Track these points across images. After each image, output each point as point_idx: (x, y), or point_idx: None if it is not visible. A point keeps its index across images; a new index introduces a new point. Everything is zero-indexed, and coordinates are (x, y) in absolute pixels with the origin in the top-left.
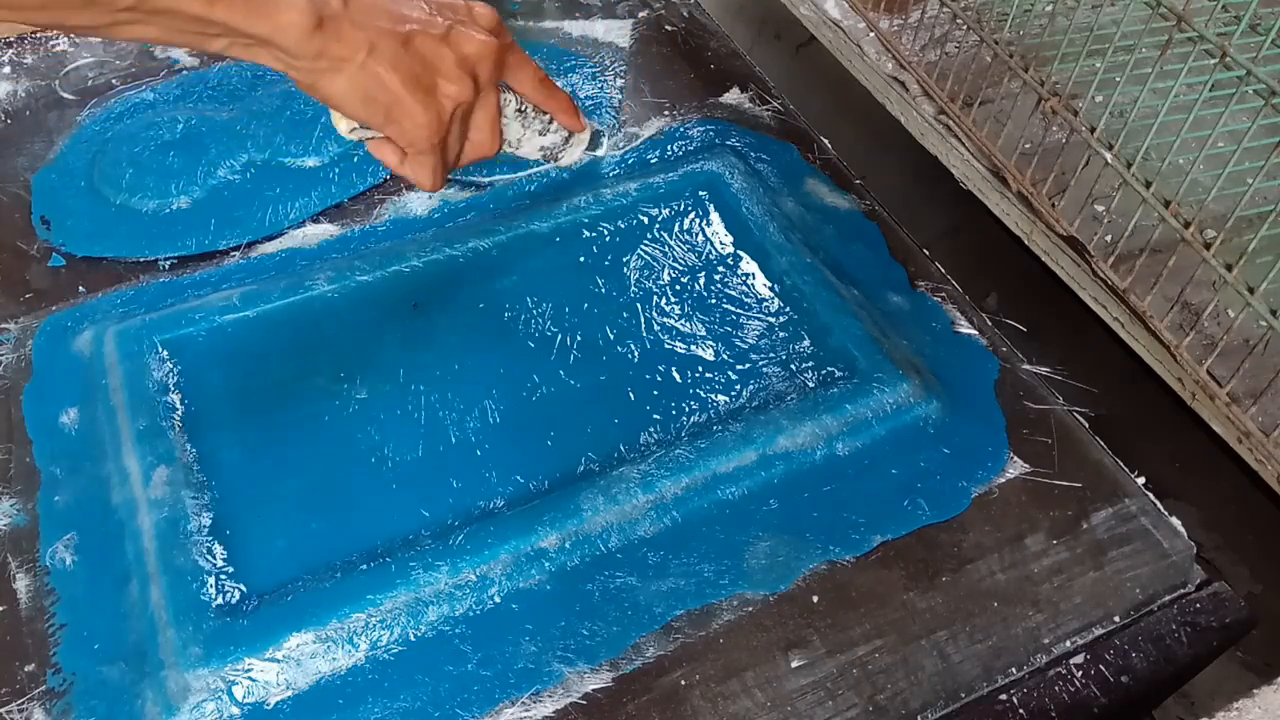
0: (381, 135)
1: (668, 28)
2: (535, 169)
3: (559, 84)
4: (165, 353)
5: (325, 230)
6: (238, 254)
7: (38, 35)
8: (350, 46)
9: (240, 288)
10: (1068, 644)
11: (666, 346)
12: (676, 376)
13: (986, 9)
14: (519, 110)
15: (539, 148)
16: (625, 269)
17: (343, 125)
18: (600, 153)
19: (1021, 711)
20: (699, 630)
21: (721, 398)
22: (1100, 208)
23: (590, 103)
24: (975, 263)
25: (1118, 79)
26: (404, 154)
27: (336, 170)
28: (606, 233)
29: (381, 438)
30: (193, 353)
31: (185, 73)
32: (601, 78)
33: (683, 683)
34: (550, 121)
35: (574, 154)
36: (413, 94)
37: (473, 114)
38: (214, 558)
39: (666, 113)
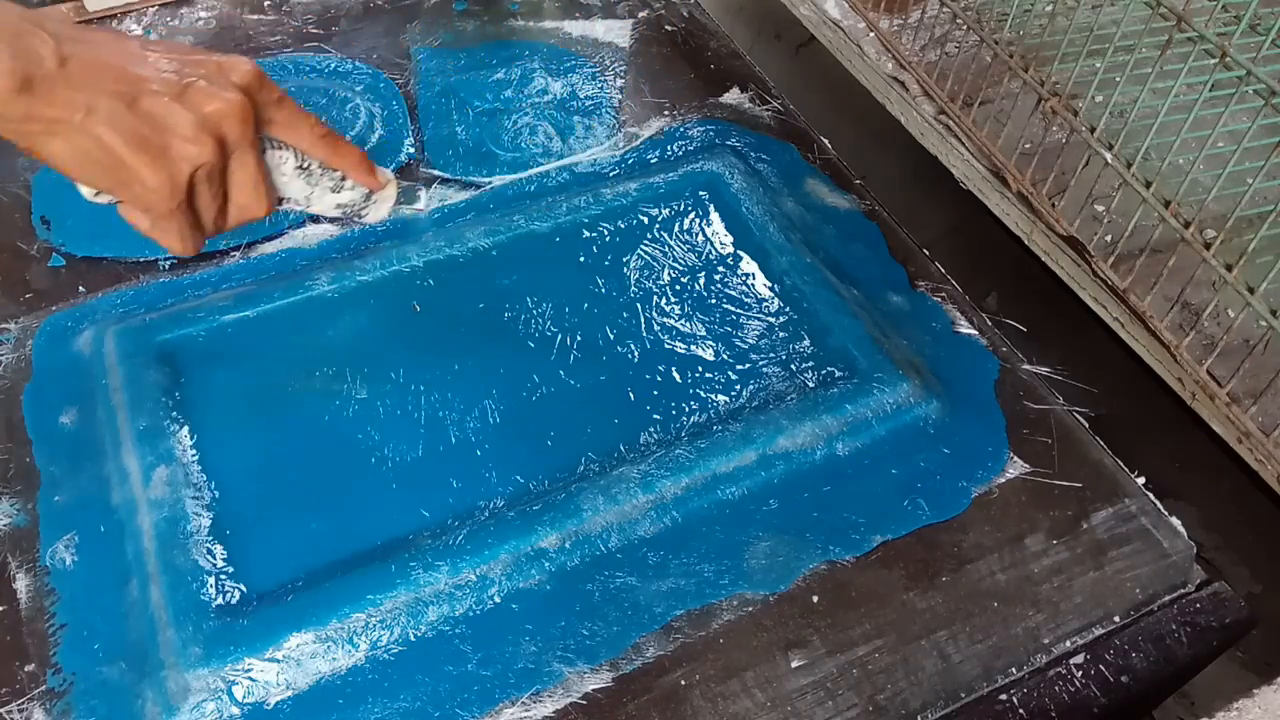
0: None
1: (668, 28)
2: (537, 169)
3: (556, 84)
4: (165, 353)
5: (325, 230)
6: (238, 254)
7: None
8: (64, 108)
9: (240, 288)
10: (1068, 644)
11: (666, 346)
12: (676, 376)
13: (986, 9)
14: (300, 168)
15: (335, 205)
16: (625, 269)
17: (85, 189)
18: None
19: (1021, 711)
20: (699, 630)
21: (721, 398)
22: (1100, 208)
23: (590, 103)
24: (975, 263)
25: (1118, 79)
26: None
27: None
28: (606, 233)
29: (381, 438)
30: (193, 353)
31: None
32: (601, 78)
33: (683, 683)
34: (344, 178)
35: (380, 211)
36: (139, 156)
37: (229, 175)
38: (214, 558)
39: (666, 113)
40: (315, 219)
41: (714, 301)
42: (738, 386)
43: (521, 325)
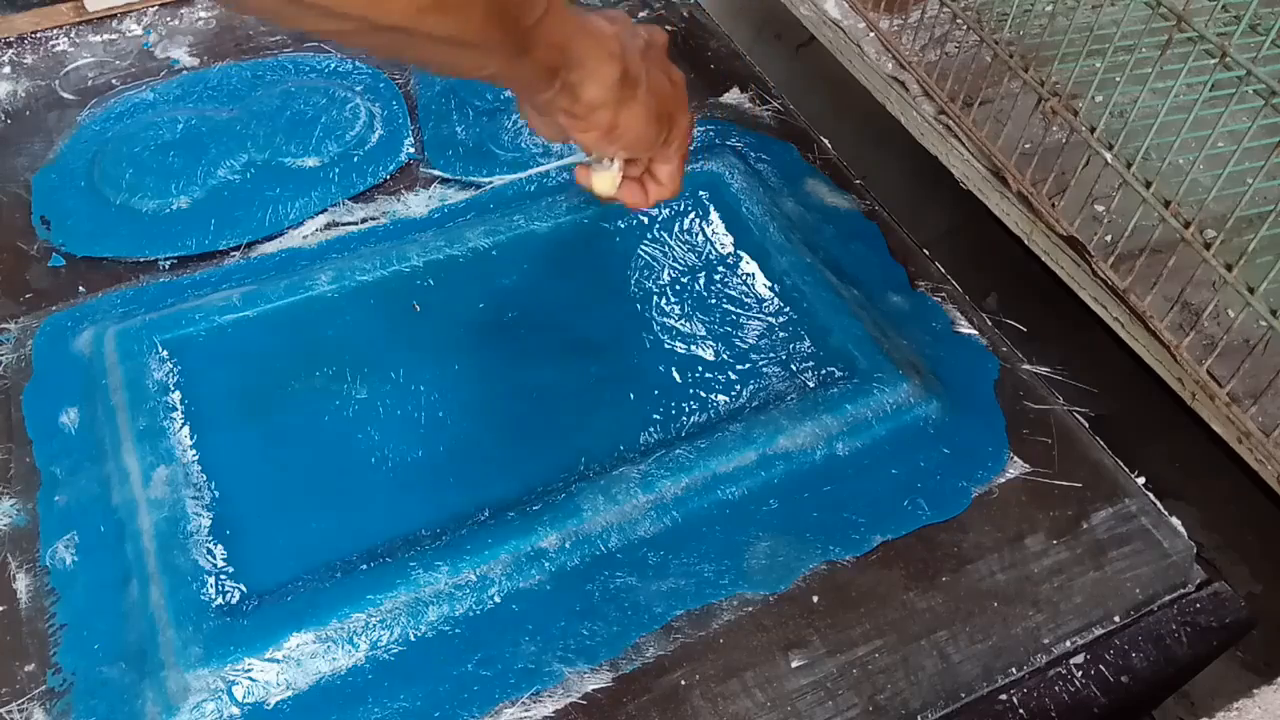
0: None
1: (668, 28)
2: (535, 169)
3: None
4: (165, 353)
5: (325, 230)
6: (238, 254)
7: (38, 35)
8: (637, 70)
9: (240, 288)
10: (1068, 644)
11: (666, 346)
12: (676, 376)
13: (986, 9)
14: None
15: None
16: (625, 269)
17: (613, 179)
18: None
19: (1021, 711)
20: (699, 630)
21: (721, 398)
22: (1100, 208)
23: None
24: (975, 263)
25: (1118, 79)
26: (642, 184)
27: (336, 170)
28: (606, 233)
29: (381, 438)
30: (193, 353)
31: (185, 73)
32: None
33: (683, 683)
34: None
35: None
36: (674, 97)
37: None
38: (214, 558)
39: None
40: (315, 218)
41: (714, 301)
42: (738, 386)
43: (521, 325)
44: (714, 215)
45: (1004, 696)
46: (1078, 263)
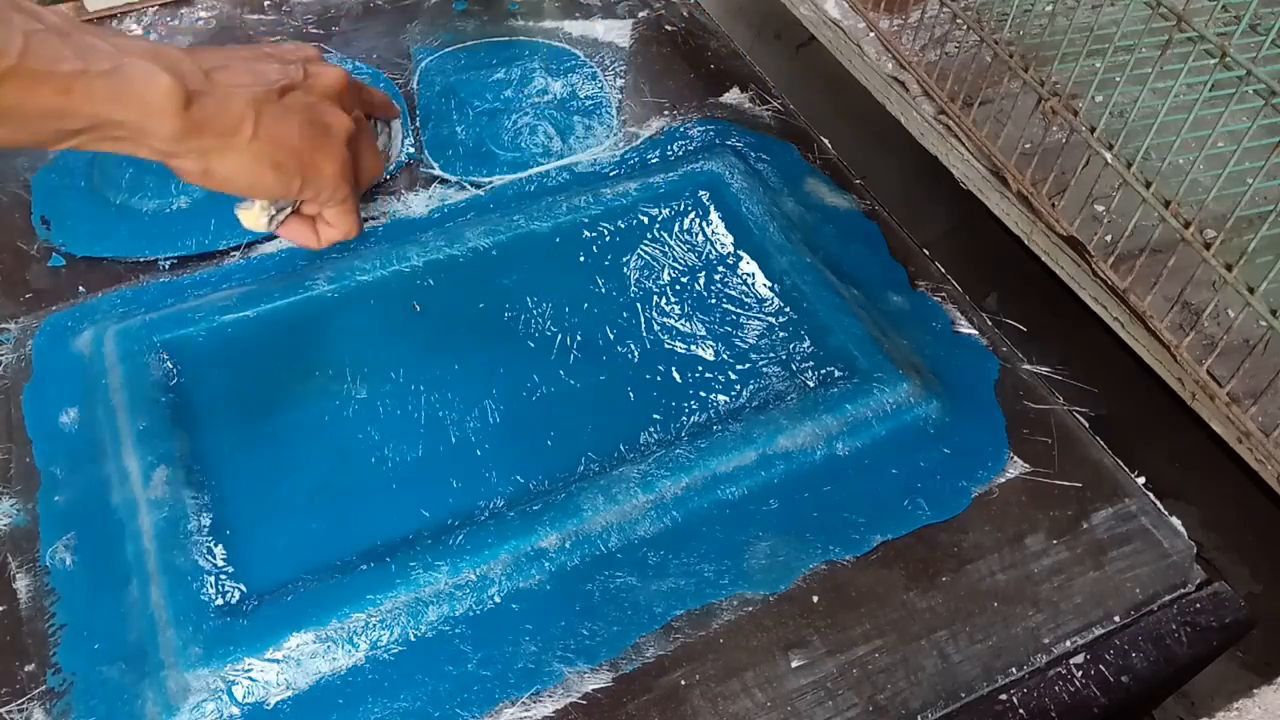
0: (290, 213)
1: (668, 28)
2: (537, 169)
3: (556, 84)
4: (165, 353)
5: None
6: (238, 254)
7: None
8: (233, 117)
9: (240, 288)
10: (1068, 644)
11: (666, 346)
12: (676, 376)
13: (986, 9)
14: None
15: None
16: (625, 269)
17: (257, 218)
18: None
19: (1021, 711)
20: (699, 630)
21: (721, 398)
22: (1100, 208)
23: (590, 103)
24: (975, 263)
25: (1118, 79)
26: (314, 223)
27: None
28: (606, 233)
29: (381, 438)
30: (193, 353)
31: None
32: (601, 78)
33: (683, 683)
34: (379, 127)
35: (396, 147)
36: (315, 143)
37: (355, 142)
38: (214, 558)
39: (666, 113)
40: None
41: (714, 301)
42: (738, 386)
43: (521, 325)
44: (714, 215)
45: (1004, 696)
46: (1078, 263)
